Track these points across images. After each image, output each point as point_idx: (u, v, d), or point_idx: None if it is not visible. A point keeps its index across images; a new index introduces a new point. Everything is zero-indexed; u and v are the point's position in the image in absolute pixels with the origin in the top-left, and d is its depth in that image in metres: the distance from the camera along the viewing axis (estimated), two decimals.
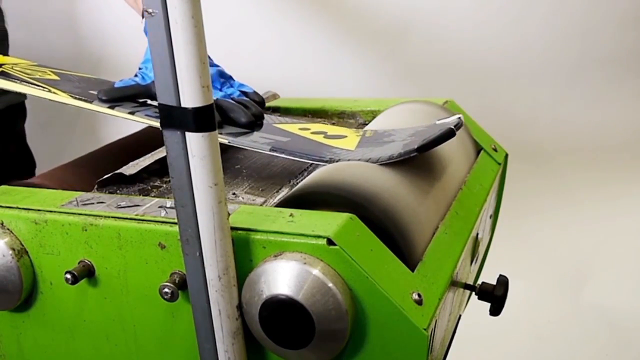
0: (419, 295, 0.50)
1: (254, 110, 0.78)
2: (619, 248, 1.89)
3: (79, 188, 0.70)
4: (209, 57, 0.77)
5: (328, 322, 0.48)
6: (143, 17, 0.82)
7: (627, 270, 1.83)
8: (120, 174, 0.71)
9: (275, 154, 0.69)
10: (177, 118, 0.45)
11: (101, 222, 0.57)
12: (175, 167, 0.47)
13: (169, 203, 0.58)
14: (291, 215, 0.53)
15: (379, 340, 0.50)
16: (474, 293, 0.75)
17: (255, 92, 0.84)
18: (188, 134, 0.45)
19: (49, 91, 0.75)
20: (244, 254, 0.51)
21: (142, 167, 0.73)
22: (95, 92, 0.77)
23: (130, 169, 0.72)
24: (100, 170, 0.74)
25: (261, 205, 0.67)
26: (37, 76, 0.82)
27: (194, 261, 0.50)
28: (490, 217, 0.88)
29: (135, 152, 0.78)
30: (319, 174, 0.60)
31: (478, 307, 0.78)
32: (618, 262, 1.86)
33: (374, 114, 0.93)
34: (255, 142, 0.70)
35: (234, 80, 0.85)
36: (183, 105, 0.44)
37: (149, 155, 0.76)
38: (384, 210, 0.55)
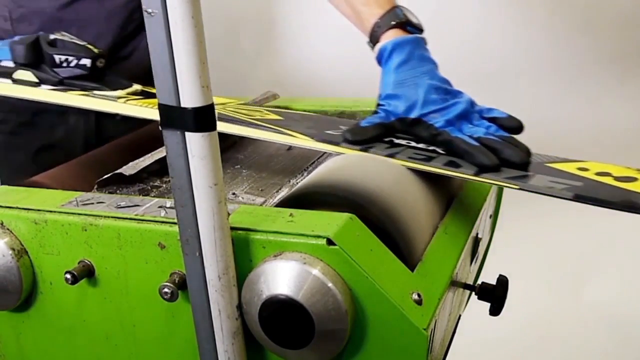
0: (419, 295, 0.50)
1: (522, 146, 0.68)
2: (619, 248, 1.89)
3: (79, 188, 0.70)
4: (447, 82, 0.73)
5: (328, 322, 0.48)
6: (372, 42, 0.77)
7: (627, 270, 1.83)
8: (120, 174, 0.71)
9: (580, 201, 0.60)
10: (177, 118, 0.45)
11: (101, 222, 0.57)
12: (175, 167, 0.47)
13: (169, 203, 0.58)
14: (291, 215, 0.53)
15: (379, 340, 0.50)
16: (473, 293, 0.75)
17: (510, 117, 0.71)
18: (188, 134, 0.45)
19: (287, 134, 0.71)
20: (243, 254, 0.51)
21: (141, 167, 0.73)
22: (331, 132, 0.73)
23: (130, 169, 0.72)
24: (100, 170, 0.74)
25: (261, 205, 0.67)
26: (258, 116, 0.77)
27: (193, 261, 0.50)
28: (490, 217, 0.88)
29: (135, 152, 0.78)
30: (319, 174, 0.60)
31: (478, 307, 0.78)
32: (618, 262, 1.86)
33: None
34: (551, 188, 0.60)
35: (476, 105, 0.72)
36: (183, 105, 0.44)
37: (149, 155, 0.76)
38: (384, 210, 0.55)
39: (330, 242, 0.49)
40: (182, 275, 0.53)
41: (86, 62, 0.83)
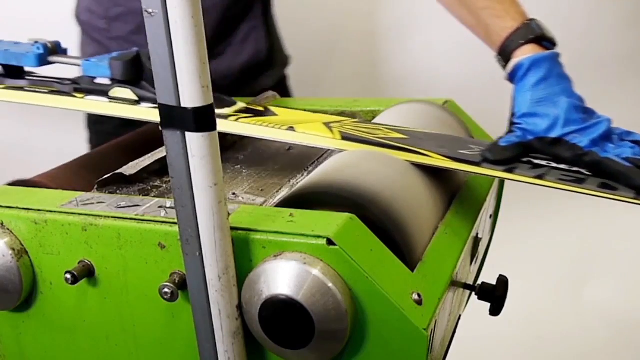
0: (419, 295, 0.50)
1: None
2: (619, 248, 1.89)
3: (79, 188, 0.70)
4: (583, 100, 0.70)
5: (328, 322, 0.48)
6: (503, 57, 0.73)
7: (627, 270, 1.83)
8: (120, 174, 0.71)
9: None
10: (177, 118, 0.45)
11: (101, 222, 0.57)
12: (175, 167, 0.47)
13: (169, 203, 0.58)
14: (291, 215, 0.53)
15: (379, 340, 0.50)
16: (473, 293, 0.75)
17: None
18: (188, 134, 0.45)
19: (421, 154, 0.67)
20: (243, 254, 0.51)
21: (142, 167, 0.73)
22: (465, 152, 0.70)
23: (130, 169, 0.72)
24: (100, 170, 0.74)
25: (261, 205, 0.67)
26: (382, 135, 0.73)
27: (193, 261, 0.50)
28: (490, 217, 0.88)
29: (135, 152, 0.78)
30: (319, 174, 0.60)
31: (478, 307, 0.78)
32: (618, 262, 1.86)
33: (374, 114, 0.93)
34: None
35: (614, 127, 0.69)
36: (183, 105, 0.44)
37: (149, 155, 0.76)
38: (384, 210, 0.55)
39: (330, 242, 0.49)
40: (182, 275, 0.53)
41: None
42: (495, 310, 0.73)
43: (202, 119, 0.44)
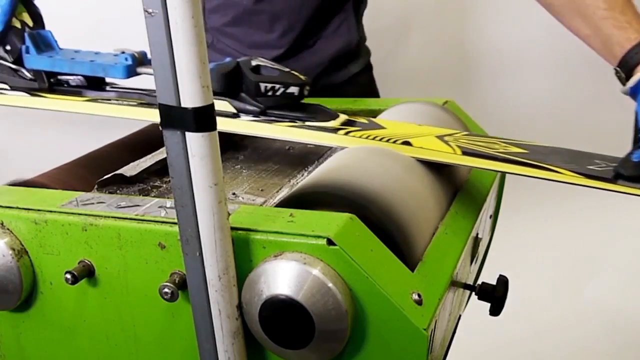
0: (419, 295, 0.50)
1: None
2: (619, 248, 1.89)
3: (79, 188, 0.70)
4: None
5: (328, 322, 0.48)
6: (624, 69, 0.70)
7: (627, 270, 1.83)
8: (121, 174, 0.71)
9: None
10: (177, 118, 0.45)
11: (101, 222, 0.57)
12: (175, 167, 0.47)
13: (169, 203, 0.58)
14: (291, 215, 0.53)
15: (379, 340, 0.50)
16: (474, 293, 0.75)
17: None
18: (188, 134, 0.45)
19: (549, 170, 0.65)
20: (244, 254, 0.51)
21: (142, 168, 0.73)
22: (593, 167, 0.68)
23: (131, 170, 0.72)
24: (100, 170, 0.74)
25: (261, 205, 0.67)
26: (501, 149, 0.71)
27: (194, 261, 0.50)
28: (490, 217, 0.88)
29: (136, 152, 0.78)
30: (319, 174, 0.60)
31: (478, 307, 0.78)
32: (618, 262, 1.86)
33: (374, 114, 0.93)
34: None
35: None
36: (183, 105, 0.44)
37: (150, 156, 0.76)
38: (384, 210, 0.55)
39: (330, 242, 0.49)
40: (182, 275, 0.53)
41: (294, 90, 0.74)
42: (495, 310, 0.73)
43: (202, 119, 0.44)
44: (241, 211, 0.55)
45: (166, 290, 0.53)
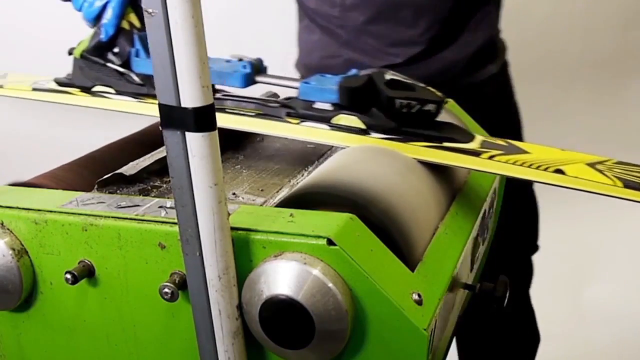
0: (419, 295, 0.50)
1: None
2: (620, 248, 1.89)
3: (79, 188, 0.70)
4: None
5: (328, 322, 0.48)
6: None
7: (627, 270, 1.83)
8: (120, 174, 0.71)
9: None
10: (177, 118, 0.45)
11: (101, 222, 0.57)
12: (175, 167, 0.47)
13: (169, 203, 0.58)
14: (291, 215, 0.53)
15: (379, 340, 0.50)
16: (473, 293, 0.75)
17: None
18: (188, 134, 0.45)
19: None
20: (244, 254, 0.51)
21: (142, 167, 0.73)
22: None
23: (131, 169, 0.72)
24: (100, 170, 0.74)
25: (261, 205, 0.67)
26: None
27: (194, 261, 0.50)
28: (491, 217, 0.88)
29: (136, 152, 0.78)
30: (319, 174, 0.60)
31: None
32: (618, 262, 1.86)
33: None
34: None
35: None
36: (183, 105, 0.44)
37: (149, 155, 0.76)
38: (384, 210, 0.55)
39: (330, 242, 0.49)
40: (182, 275, 0.53)
41: (430, 107, 0.69)
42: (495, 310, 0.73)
43: (202, 119, 0.44)
44: (241, 211, 0.55)
45: (166, 290, 0.53)
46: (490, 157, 0.68)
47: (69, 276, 0.57)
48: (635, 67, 2.04)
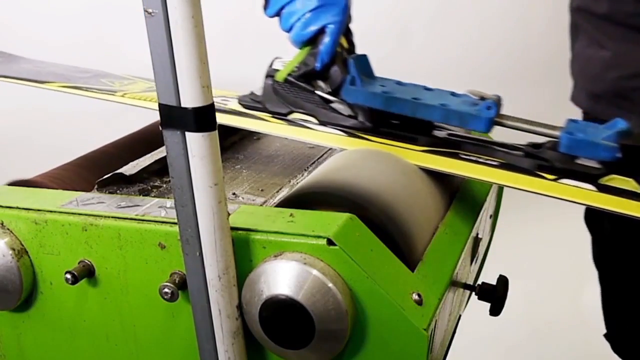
0: (419, 295, 0.50)
1: None
2: None
3: (79, 188, 0.70)
4: None
5: (328, 322, 0.48)
6: None
7: None
8: (120, 174, 0.71)
9: None
10: (177, 118, 0.45)
11: (101, 222, 0.57)
12: (175, 167, 0.47)
13: (169, 203, 0.58)
14: (291, 215, 0.53)
15: (379, 340, 0.50)
16: (473, 293, 0.75)
17: None
18: (188, 134, 0.45)
19: None
20: (244, 254, 0.51)
21: (142, 167, 0.73)
22: None
23: (131, 169, 0.72)
24: (101, 170, 0.74)
25: (261, 205, 0.67)
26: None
27: (194, 261, 0.50)
28: (490, 217, 0.88)
29: (136, 152, 0.78)
30: (319, 174, 0.60)
31: (478, 307, 0.78)
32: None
33: None
34: None
35: None
36: (183, 105, 0.44)
37: (149, 155, 0.76)
38: (384, 210, 0.55)
39: (330, 242, 0.49)
40: (182, 275, 0.53)
41: None
42: (495, 310, 0.73)
43: (202, 119, 0.44)
44: (241, 211, 0.55)
45: (166, 290, 0.53)
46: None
47: (69, 276, 0.57)
48: None
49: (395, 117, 0.70)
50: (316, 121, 0.73)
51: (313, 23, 0.71)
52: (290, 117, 0.75)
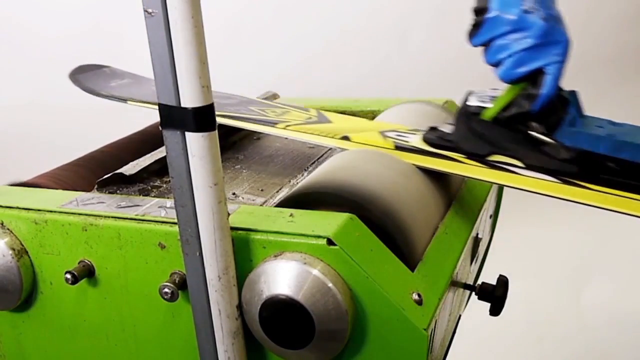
0: (419, 295, 0.50)
1: None
2: (619, 248, 1.89)
3: (79, 188, 0.70)
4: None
5: (328, 322, 0.48)
6: None
7: (627, 270, 1.83)
8: (120, 174, 0.71)
9: None
10: (177, 118, 0.45)
11: (101, 222, 0.57)
12: (175, 167, 0.47)
13: (169, 203, 0.58)
14: (291, 215, 0.53)
15: (379, 340, 0.50)
16: (473, 293, 0.75)
17: None
18: (188, 134, 0.45)
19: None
20: (244, 254, 0.51)
21: (142, 167, 0.73)
22: None
23: (131, 169, 0.72)
24: (100, 170, 0.74)
25: (261, 205, 0.67)
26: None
27: (194, 261, 0.50)
28: (490, 217, 0.88)
29: (136, 152, 0.78)
30: (319, 174, 0.60)
31: (478, 307, 0.78)
32: (618, 262, 1.86)
33: (374, 114, 0.93)
34: None
35: None
36: (183, 105, 0.44)
37: (149, 155, 0.76)
38: (384, 210, 0.55)
39: (330, 242, 0.49)
40: (182, 275, 0.53)
41: None
42: (495, 310, 0.73)
43: (202, 119, 0.44)
44: (241, 211, 0.55)
45: (166, 290, 0.53)
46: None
47: (69, 276, 0.57)
48: (636, 66, 2.04)
49: (613, 161, 0.62)
50: (521, 164, 0.64)
51: (530, 62, 0.61)
52: (490, 158, 0.66)
